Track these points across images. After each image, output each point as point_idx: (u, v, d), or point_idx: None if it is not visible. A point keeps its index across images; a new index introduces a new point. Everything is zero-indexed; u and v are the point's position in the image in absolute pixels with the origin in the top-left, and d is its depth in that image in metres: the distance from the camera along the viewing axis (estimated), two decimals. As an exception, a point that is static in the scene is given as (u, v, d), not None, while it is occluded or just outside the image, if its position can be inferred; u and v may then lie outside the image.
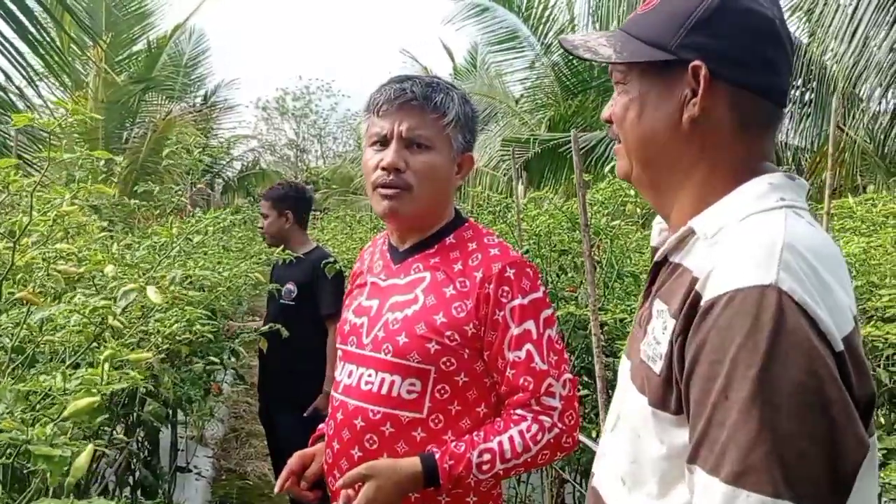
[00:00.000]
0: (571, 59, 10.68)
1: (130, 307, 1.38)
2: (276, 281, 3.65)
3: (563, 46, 1.06)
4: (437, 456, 1.42)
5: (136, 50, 13.00)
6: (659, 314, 0.92)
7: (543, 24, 11.99)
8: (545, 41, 11.82)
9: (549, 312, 1.51)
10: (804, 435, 0.74)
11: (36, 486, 1.01)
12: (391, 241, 1.64)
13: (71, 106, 1.29)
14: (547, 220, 3.47)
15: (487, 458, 1.42)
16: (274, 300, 3.66)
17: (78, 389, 0.85)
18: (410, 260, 1.57)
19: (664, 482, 0.89)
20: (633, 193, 3.29)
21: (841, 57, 6.73)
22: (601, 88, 10.66)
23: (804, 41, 8.26)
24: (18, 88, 4.15)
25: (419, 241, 1.58)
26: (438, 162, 1.53)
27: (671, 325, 0.88)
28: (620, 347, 2.73)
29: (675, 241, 0.95)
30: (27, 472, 1.09)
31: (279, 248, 3.34)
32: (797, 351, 0.76)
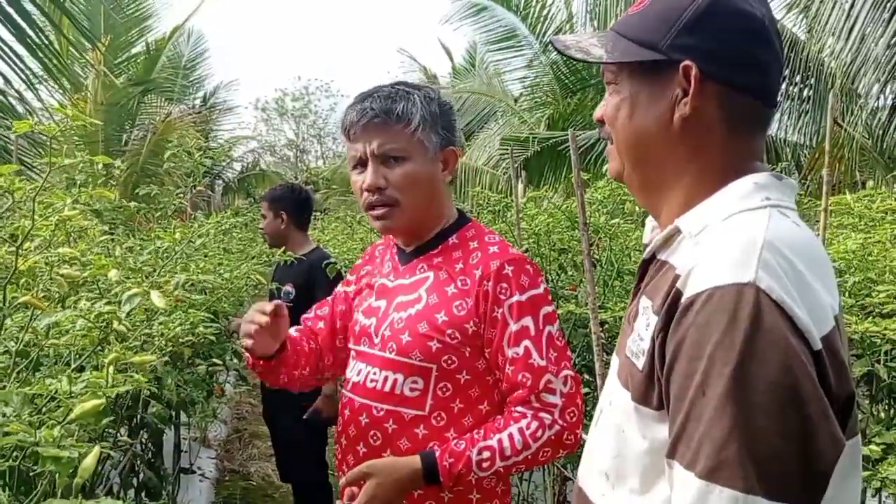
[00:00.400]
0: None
1: (134, 311, 1.40)
2: (276, 282, 3.66)
3: (554, 47, 1.06)
4: (437, 454, 1.44)
5: (134, 52, 13.02)
6: (644, 311, 0.93)
7: (541, 22, 12.01)
8: (543, 40, 11.83)
9: (549, 309, 1.53)
10: (778, 432, 0.75)
11: (42, 487, 1.03)
12: (398, 243, 1.67)
13: (71, 111, 1.31)
14: (546, 219, 3.48)
15: (487, 455, 1.44)
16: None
17: (84, 392, 0.86)
18: (416, 261, 1.60)
19: (646, 477, 0.90)
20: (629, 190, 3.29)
21: (838, 53, 6.74)
22: (600, 87, 10.65)
23: (802, 38, 8.27)
24: (18, 92, 4.16)
25: (423, 243, 1.61)
26: (416, 169, 1.54)
27: (654, 321, 0.89)
28: (620, 345, 2.73)
29: (661, 239, 0.97)
30: (33, 474, 1.11)
31: (280, 248, 3.35)
32: (773, 349, 0.77)
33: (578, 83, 11.49)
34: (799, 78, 8.33)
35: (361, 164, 1.56)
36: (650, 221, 1.11)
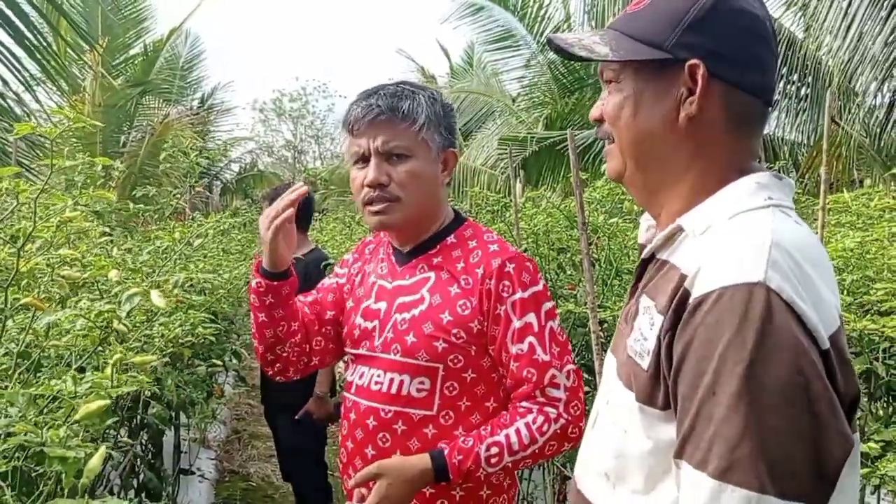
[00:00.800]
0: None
1: (134, 311, 1.40)
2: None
3: (557, 45, 1.04)
4: (445, 452, 1.45)
5: (132, 54, 13.05)
6: (646, 310, 0.93)
7: (539, 22, 12.03)
8: (541, 40, 11.84)
9: (550, 305, 1.54)
10: (790, 431, 0.75)
11: (48, 488, 1.03)
12: (394, 244, 1.66)
13: (71, 113, 1.31)
14: (545, 218, 3.49)
15: (495, 451, 1.44)
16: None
17: (88, 393, 0.86)
18: (414, 261, 1.60)
19: (650, 477, 0.90)
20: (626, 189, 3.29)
21: (836, 52, 6.75)
22: (597, 86, 10.66)
23: (799, 36, 8.28)
24: (16, 94, 4.16)
25: (419, 243, 1.61)
26: (420, 167, 1.55)
27: (658, 321, 0.88)
28: (619, 344, 2.73)
29: (662, 238, 0.96)
30: (34, 474, 1.11)
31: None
32: (784, 348, 0.77)
33: (576, 83, 11.51)
34: (796, 76, 8.34)
35: (363, 159, 1.56)
36: (644, 221, 1.11)
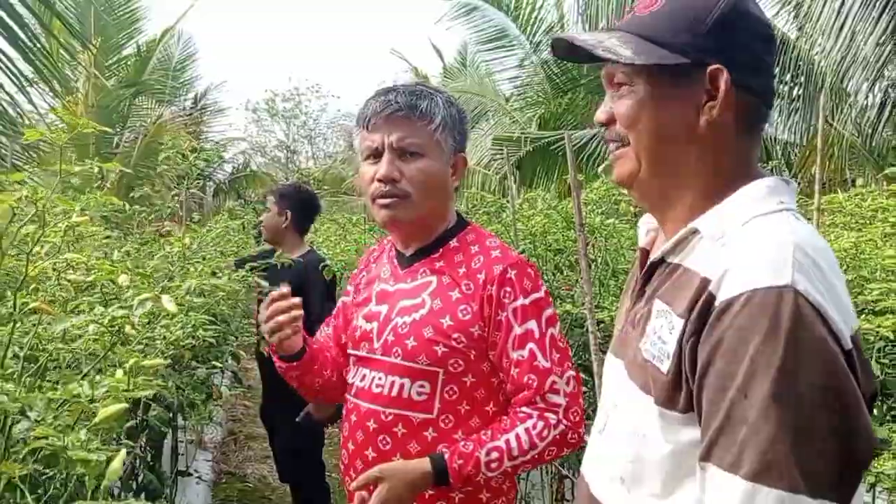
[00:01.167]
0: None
1: (140, 315, 1.41)
2: (268, 282, 3.65)
3: (565, 44, 1.02)
4: (446, 456, 1.46)
5: (125, 54, 13.01)
6: (660, 314, 0.93)
7: (532, 23, 12.04)
8: (534, 40, 11.87)
9: (550, 311, 1.55)
10: (822, 433, 0.77)
11: (57, 491, 1.04)
12: (397, 247, 1.67)
13: (65, 115, 1.31)
14: (542, 219, 3.50)
15: (495, 456, 1.46)
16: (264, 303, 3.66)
17: (106, 396, 0.88)
18: (416, 265, 1.61)
19: (668, 481, 0.90)
20: (626, 192, 3.32)
21: (829, 52, 6.80)
22: (591, 86, 10.70)
23: (792, 37, 8.32)
24: (10, 95, 4.15)
25: (423, 245, 1.62)
26: (432, 167, 1.56)
27: (679, 324, 0.89)
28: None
29: (673, 242, 0.97)
30: (44, 478, 1.12)
31: (273, 246, 3.32)
32: (815, 350, 0.78)
33: (569, 83, 11.52)
34: (789, 77, 8.38)
35: (376, 154, 1.57)
36: (644, 224, 1.11)
